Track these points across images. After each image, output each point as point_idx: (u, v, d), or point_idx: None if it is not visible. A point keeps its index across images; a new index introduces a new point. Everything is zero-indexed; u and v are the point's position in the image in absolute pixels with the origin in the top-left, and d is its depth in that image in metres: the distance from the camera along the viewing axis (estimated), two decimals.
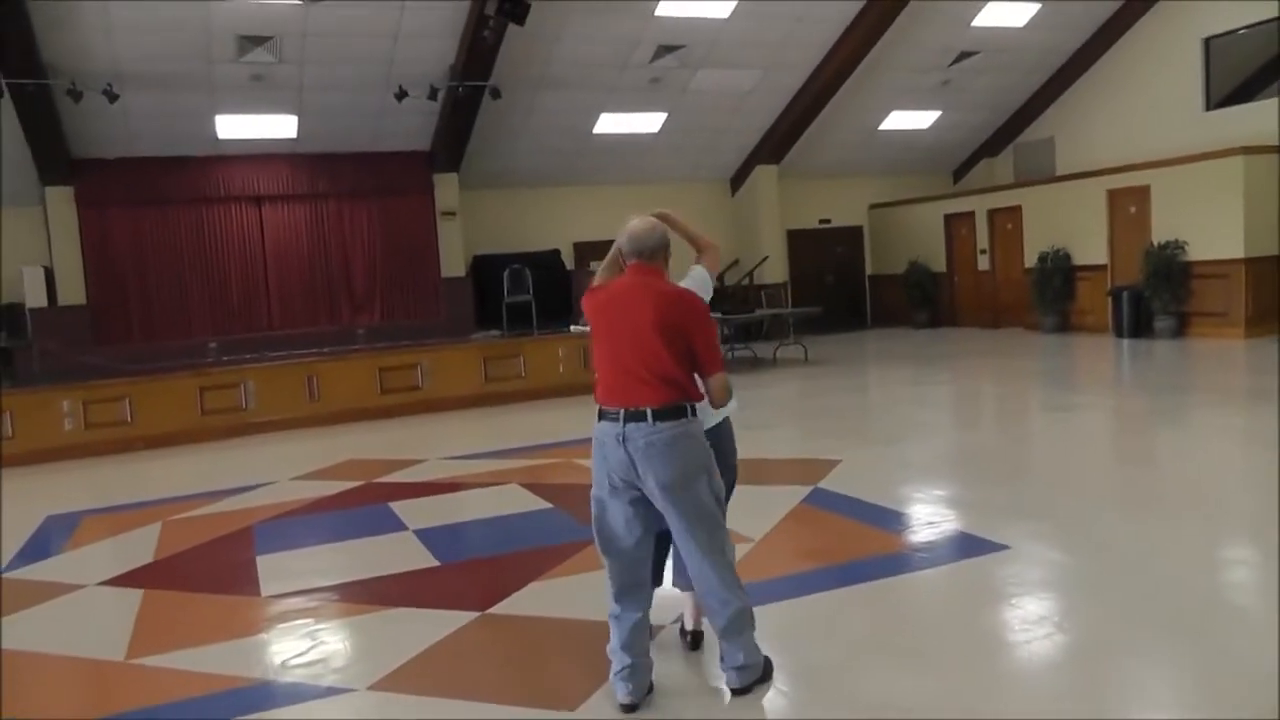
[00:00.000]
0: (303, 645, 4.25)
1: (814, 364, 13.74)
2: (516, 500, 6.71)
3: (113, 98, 12.12)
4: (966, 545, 5.01)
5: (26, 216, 13.66)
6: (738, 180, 18.16)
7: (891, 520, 5.56)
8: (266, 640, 4.37)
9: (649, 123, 15.97)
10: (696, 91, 15.32)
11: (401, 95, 13.27)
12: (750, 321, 15.01)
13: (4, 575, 5.69)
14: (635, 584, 3.46)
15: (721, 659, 3.47)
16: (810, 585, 4.54)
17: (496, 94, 13.61)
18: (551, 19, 13.06)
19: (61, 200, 13.62)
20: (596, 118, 15.53)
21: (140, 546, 6.14)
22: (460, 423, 10.74)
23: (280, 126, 14.15)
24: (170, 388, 10.55)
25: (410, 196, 15.41)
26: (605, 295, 3.48)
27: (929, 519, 5.60)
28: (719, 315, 13.99)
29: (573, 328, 12.30)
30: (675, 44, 14.13)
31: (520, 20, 12.21)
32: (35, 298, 13.34)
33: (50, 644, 4.46)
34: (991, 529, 5.16)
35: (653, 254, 3.48)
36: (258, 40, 12.39)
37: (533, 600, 4.56)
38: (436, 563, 5.38)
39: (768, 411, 10.31)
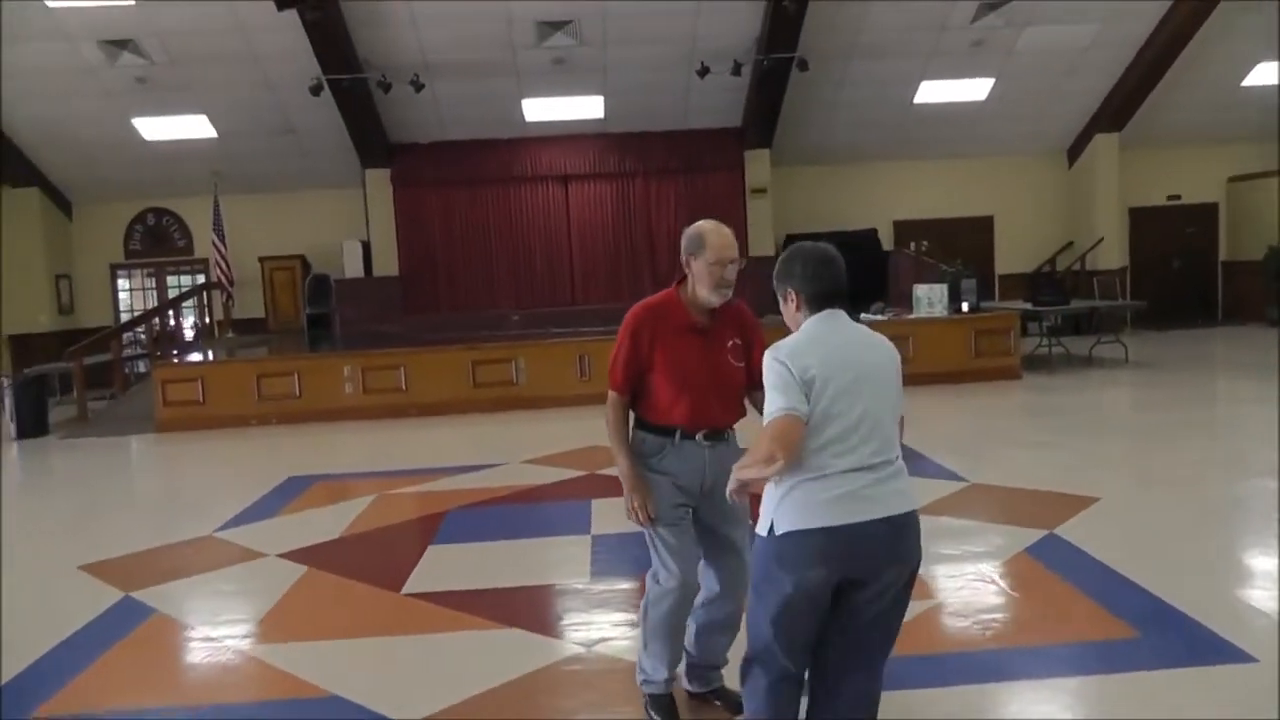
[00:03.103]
0: (388, 658, 4.03)
1: (1133, 366, 11.79)
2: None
3: (418, 87, 12.84)
4: (1202, 647, 3.75)
5: (348, 197, 14.98)
6: (1075, 151, 16.04)
7: (1124, 596, 4.28)
8: (364, 646, 4.18)
9: (975, 90, 14.48)
10: (1025, 52, 13.66)
11: (704, 72, 13.01)
12: (1068, 313, 13.23)
13: (217, 534, 6.06)
14: None
15: None
16: (974, 671, 3.63)
17: (804, 65, 12.97)
18: None
19: (379, 181, 14.77)
20: (916, 86, 14.33)
21: (340, 519, 6.28)
22: None
23: (587, 107, 14.34)
24: (444, 360, 11.01)
25: (719, 173, 15.19)
26: None
27: (1176, 600, 4.18)
28: (1028, 307, 12.42)
29: (863, 315, 11.45)
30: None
31: None
32: (353, 268, 14.65)
33: (191, 614, 4.60)
34: (1246, 630, 3.84)
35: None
36: (557, 25, 12.56)
37: None
38: (587, 579, 4.97)
39: (1045, 423, 8.89)
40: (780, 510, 2.50)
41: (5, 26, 11.23)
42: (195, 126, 13.57)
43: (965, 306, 11.42)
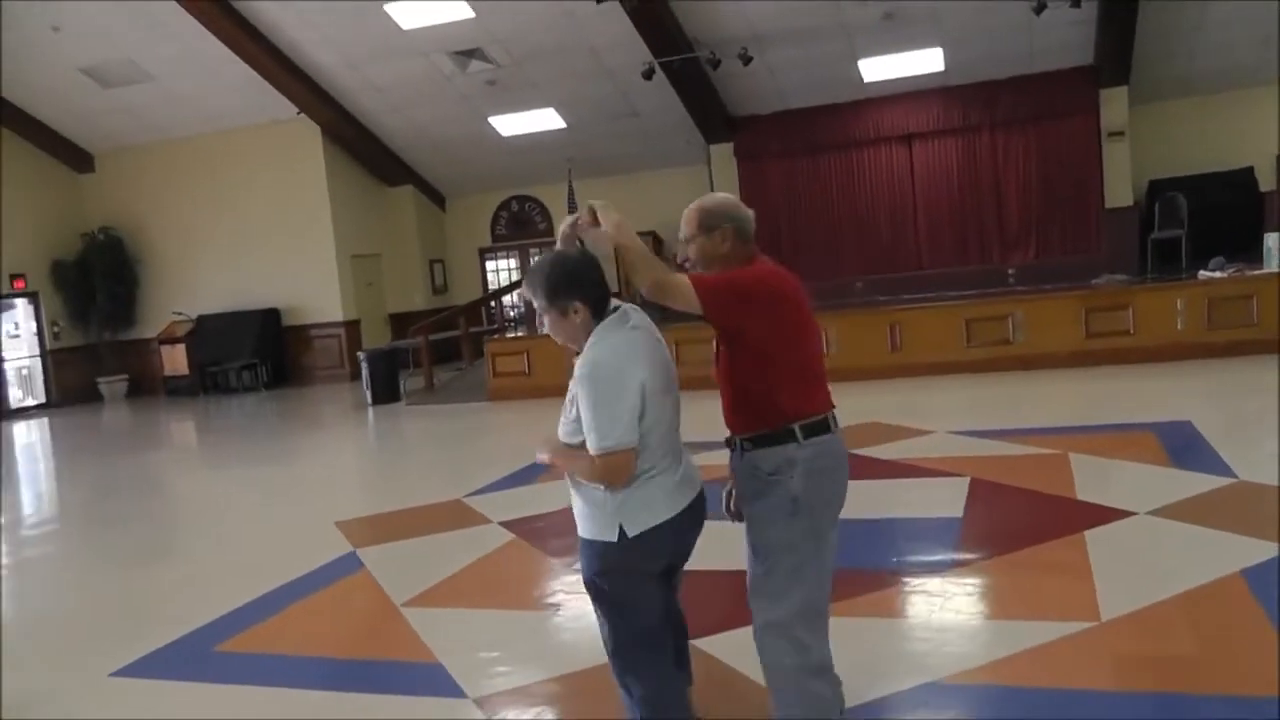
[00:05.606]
0: (511, 632, 4.23)
1: None
2: (941, 500, 5.61)
3: (746, 60, 12.80)
4: None
5: (694, 173, 15.40)
6: None
7: None
8: (498, 619, 4.40)
9: None
10: None
11: (1040, 7, 11.71)
12: None
13: (465, 499, 6.62)
14: None
15: None
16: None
17: None
18: None
19: (723, 155, 15.09)
20: None
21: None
22: (1041, 386, 9.27)
23: (926, 61, 13.58)
24: None
25: (1071, 118, 13.70)
26: (792, 278, 2.76)
27: None
28: None
29: (1201, 273, 9.79)
30: None
31: None
32: None
33: (387, 573, 5.09)
34: None
35: None
36: None
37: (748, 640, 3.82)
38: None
39: None
40: (626, 512, 2.61)
41: (370, 48, 12.99)
42: (545, 119, 14.74)
43: None
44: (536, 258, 2.90)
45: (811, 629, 2.66)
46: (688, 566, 2.98)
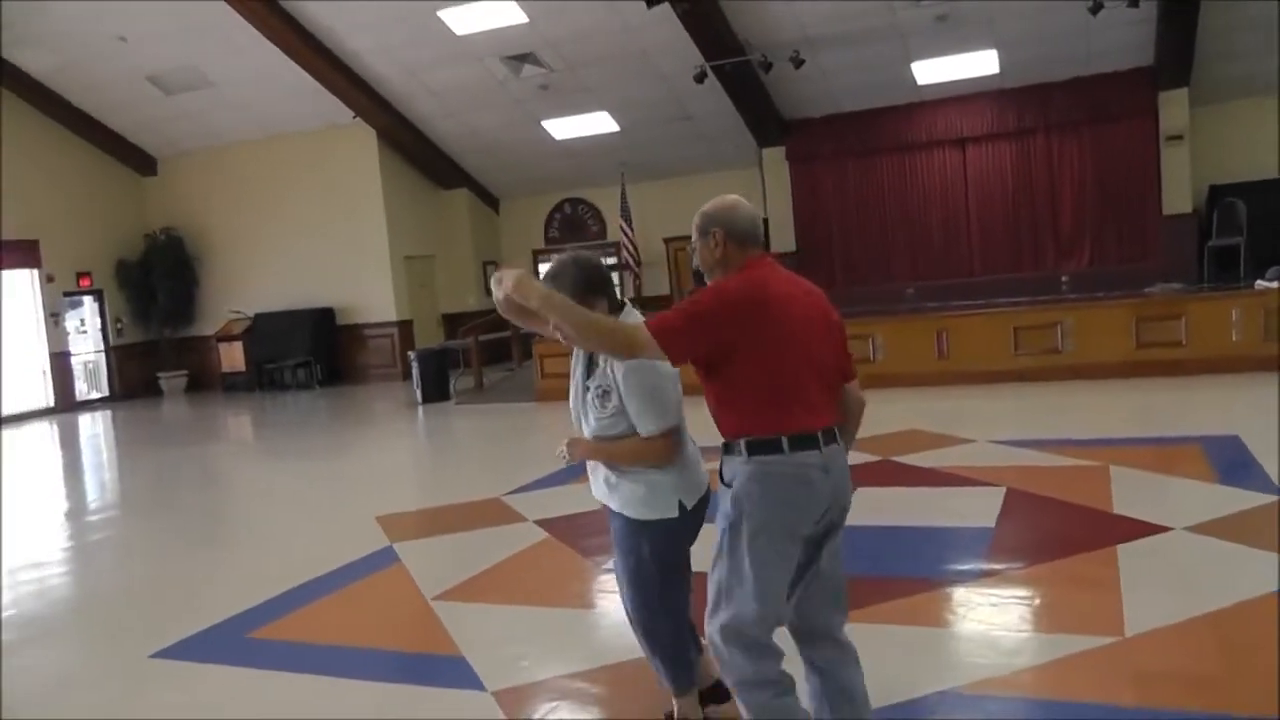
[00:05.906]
0: (536, 627, 4.29)
1: None
2: (974, 509, 5.55)
3: (798, 64, 12.77)
4: None
5: (747, 176, 15.35)
6: None
7: None
8: (525, 614, 4.47)
9: None
10: None
11: (1096, 8, 11.54)
12: None
13: (503, 497, 6.72)
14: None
15: None
16: None
17: None
18: None
19: (775, 159, 15.09)
20: None
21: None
22: (1088, 396, 9.15)
23: (980, 63, 13.47)
24: None
25: (1129, 121, 13.49)
26: (784, 286, 2.60)
27: None
28: None
29: (1258, 283, 9.56)
30: None
31: None
32: None
33: (421, 567, 5.21)
34: None
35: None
36: None
37: None
38: None
39: None
40: (683, 488, 2.89)
41: (425, 54, 13.24)
42: (598, 123, 14.86)
43: None
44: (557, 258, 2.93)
45: (741, 647, 2.52)
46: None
